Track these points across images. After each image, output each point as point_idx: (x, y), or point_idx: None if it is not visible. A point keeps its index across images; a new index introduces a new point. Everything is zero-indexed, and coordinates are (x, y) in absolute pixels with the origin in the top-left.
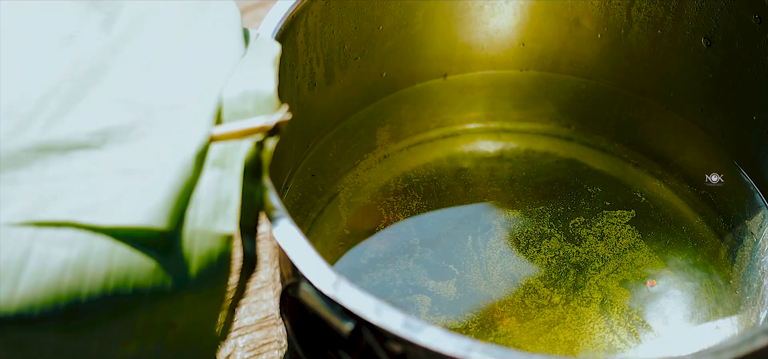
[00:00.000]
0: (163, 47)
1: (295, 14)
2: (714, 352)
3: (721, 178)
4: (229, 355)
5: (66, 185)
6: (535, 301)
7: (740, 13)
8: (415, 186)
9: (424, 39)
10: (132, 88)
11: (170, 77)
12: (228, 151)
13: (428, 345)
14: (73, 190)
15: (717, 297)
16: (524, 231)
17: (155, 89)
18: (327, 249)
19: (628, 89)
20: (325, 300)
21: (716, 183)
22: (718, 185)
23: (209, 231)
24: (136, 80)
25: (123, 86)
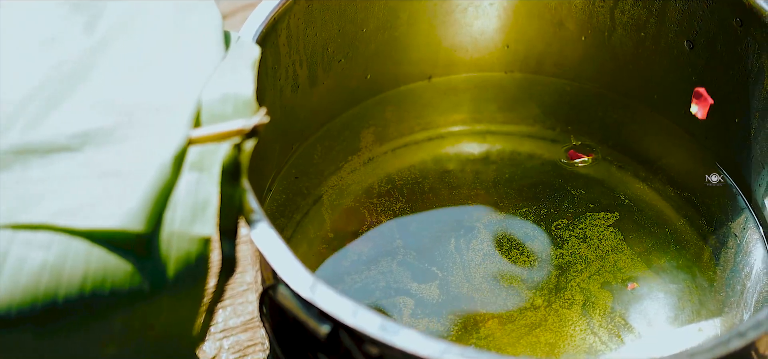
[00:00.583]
0: (143, 50)
1: (277, 17)
2: (689, 354)
3: (721, 179)
4: (214, 356)
5: (45, 188)
6: (517, 303)
7: (722, 16)
8: (398, 188)
9: (408, 41)
10: (112, 91)
11: (150, 80)
12: (206, 154)
13: (405, 348)
14: (52, 193)
15: (700, 299)
16: (507, 233)
17: (135, 92)
18: (311, 251)
19: (612, 91)
20: (302, 303)
21: (717, 183)
22: (718, 185)
23: (187, 234)
24: (116, 83)
25: (104, 89)
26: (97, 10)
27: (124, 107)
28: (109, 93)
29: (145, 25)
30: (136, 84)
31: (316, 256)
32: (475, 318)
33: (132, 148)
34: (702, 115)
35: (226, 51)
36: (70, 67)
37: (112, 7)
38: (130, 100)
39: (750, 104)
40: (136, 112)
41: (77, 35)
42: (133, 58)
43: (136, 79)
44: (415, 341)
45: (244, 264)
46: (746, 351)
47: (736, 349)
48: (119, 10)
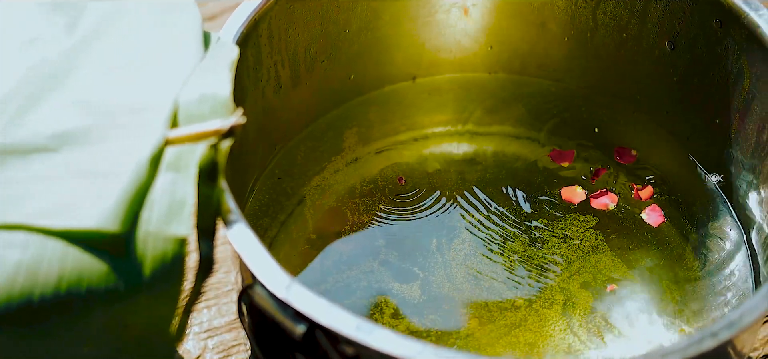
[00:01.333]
0: (123, 51)
1: (257, 17)
2: (662, 354)
3: (721, 178)
4: (198, 356)
5: (23, 189)
6: (498, 303)
7: (702, 17)
8: (381, 188)
9: (391, 42)
10: (91, 91)
11: (129, 81)
12: (183, 154)
13: (380, 348)
14: (29, 194)
15: (682, 299)
16: (489, 234)
17: (114, 92)
18: (294, 252)
19: (595, 92)
20: (278, 303)
21: (717, 183)
22: (718, 184)
23: (162, 234)
24: (95, 83)
25: (82, 89)
26: (78, 11)
27: (103, 107)
28: (88, 93)
29: (124, 25)
30: (115, 84)
31: (299, 256)
32: (455, 318)
33: (109, 148)
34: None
35: (205, 51)
36: (49, 67)
37: (92, 7)
38: (108, 100)
39: (730, 105)
40: (113, 112)
41: (58, 35)
42: (112, 58)
43: (115, 79)
44: (390, 341)
45: (229, 265)
46: (722, 349)
47: (708, 349)
48: (100, 10)
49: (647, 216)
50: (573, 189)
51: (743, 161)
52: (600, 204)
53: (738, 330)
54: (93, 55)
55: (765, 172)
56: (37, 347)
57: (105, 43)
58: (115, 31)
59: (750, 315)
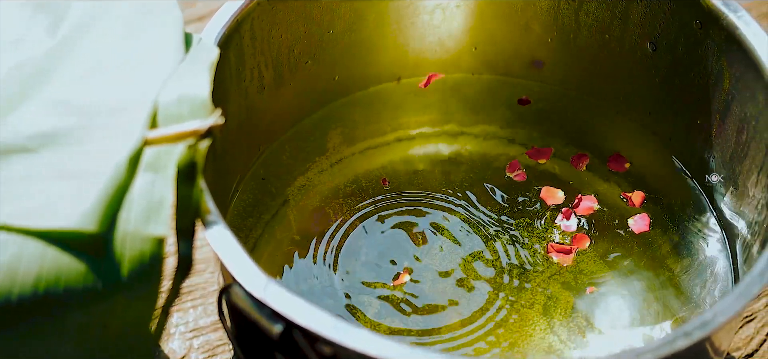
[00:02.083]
0: (105, 52)
1: (239, 19)
2: (635, 353)
3: (720, 177)
4: (184, 356)
5: (3, 189)
6: (480, 303)
7: (682, 19)
8: (365, 189)
9: (376, 43)
10: (72, 92)
11: (109, 82)
12: (161, 155)
13: (356, 348)
14: (9, 194)
15: (664, 299)
16: (473, 234)
17: (94, 93)
18: (279, 251)
19: (579, 93)
20: (255, 303)
21: (716, 182)
22: (718, 183)
23: (140, 234)
24: (75, 84)
25: (63, 90)
26: (61, 12)
27: (82, 108)
28: (68, 94)
29: (106, 26)
30: (95, 85)
31: (283, 256)
32: (437, 317)
33: (88, 148)
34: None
35: (186, 52)
36: (31, 68)
37: (75, 8)
38: (88, 101)
39: (711, 106)
40: (93, 113)
41: (40, 36)
42: (93, 59)
43: (95, 80)
44: (366, 340)
45: (214, 265)
46: (699, 348)
47: (682, 348)
48: (81, 12)
49: (634, 222)
50: (553, 190)
51: (724, 162)
52: (584, 210)
53: (711, 330)
54: (74, 56)
55: (744, 172)
56: (15, 347)
57: (86, 44)
58: (96, 32)
59: (723, 316)
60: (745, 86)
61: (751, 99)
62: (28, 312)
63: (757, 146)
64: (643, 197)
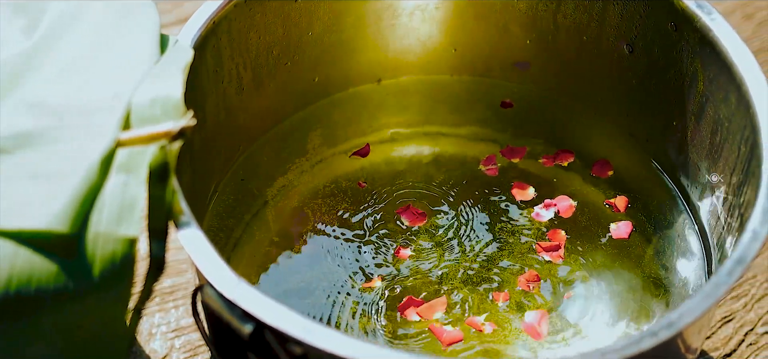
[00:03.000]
0: (80, 53)
1: (216, 21)
2: (601, 353)
3: (720, 178)
4: (165, 355)
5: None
6: (458, 304)
7: (658, 21)
8: (345, 190)
9: (355, 44)
10: (47, 93)
11: (84, 83)
12: (134, 156)
13: (325, 348)
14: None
15: (641, 300)
16: (452, 234)
17: (69, 94)
18: (259, 252)
19: (557, 94)
20: (226, 303)
21: (716, 183)
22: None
23: (112, 235)
24: (51, 85)
25: (38, 91)
26: (39, 13)
27: (57, 109)
28: (43, 95)
29: (82, 28)
30: (70, 86)
31: (263, 256)
32: (414, 318)
33: (61, 149)
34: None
35: (161, 54)
36: (7, 69)
37: (52, 9)
38: (62, 102)
39: (686, 107)
40: (67, 114)
41: (16, 37)
42: (68, 60)
43: (70, 81)
44: (335, 341)
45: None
46: (667, 347)
47: (648, 348)
48: (58, 13)
49: (617, 228)
50: (525, 186)
51: (699, 163)
52: (564, 210)
53: (677, 330)
54: (50, 57)
55: (718, 173)
56: None
57: (62, 45)
58: (72, 34)
59: (689, 316)
60: (719, 88)
61: (724, 101)
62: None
63: (730, 148)
64: (626, 202)
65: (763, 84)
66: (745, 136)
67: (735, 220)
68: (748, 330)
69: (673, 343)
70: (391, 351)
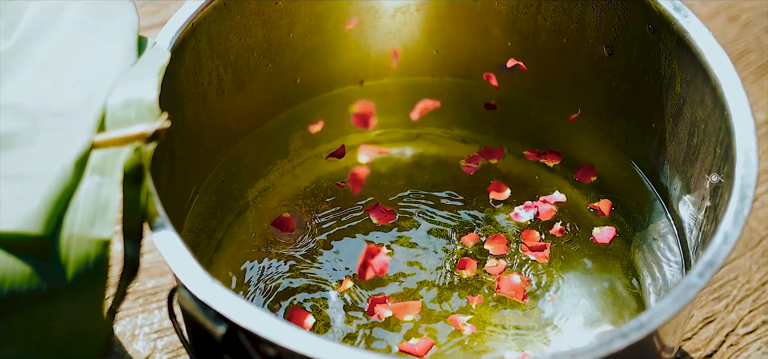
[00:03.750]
0: (57, 55)
1: (195, 23)
2: (571, 354)
3: (721, 178)
4: (148, 356)
5: None
6: (438, 305)
7: (636, 24)
8: (326, 191)
9: (337, 46)
10: (23, 95)
11: (60, 85)
12: (108, 158)
13: (296, 350)
14: None
15: (623, 303)
16: (433, 236)
17: (44, 96)
18: (240, 253)
19: (539, 96)
20: (200, 305)
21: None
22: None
23: (86, 236)
24: (27, 87)
25: (14, 93)
26: (17, 15)
27: (32, 111)
28: (19, 97)
29: (60, 30)
30: (46, 88)
31: (244, 257)
32: (393, 319)
33: (37, 151)
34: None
35: (139, 56)
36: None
37: (31, 11)
38: (38, 104)
39: (664, 109)
40: (42, 116)
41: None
42: (44, 62)
43: (46, 83)
44: (306, 342)
45: None
46: (640, 347)
47: (618, 349)
48: (37, 14)
49: (600, 232)
50: (502, 186)
51: (677, 164)
52: (545, 212)
53: (647, 332)
54: (27, 59)
55: (695, 175)
56: None
57: (39, 47)
58: (50, 35)
59: (659, 318)
60: (695, 89)
61: (700, 102)
62: None
63: (706, 149)
64: (610, 205)
65: (738, 86)
66: (720, 138)
67: (710, 223)
68: (729, 331)
69: (646, 344)
70: (363, 352)
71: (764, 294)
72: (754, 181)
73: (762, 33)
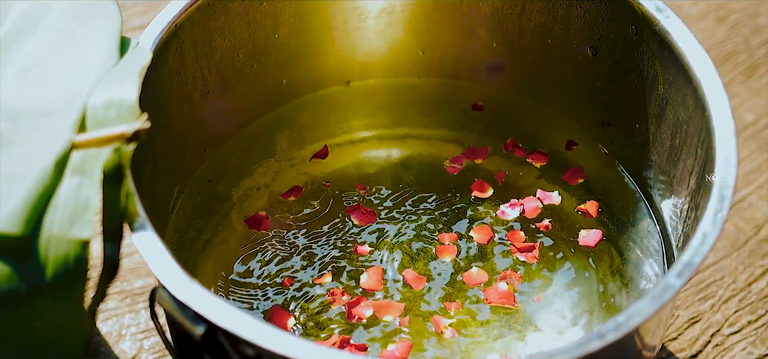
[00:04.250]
0: (40, 56)
1: (178, 24)
2: (548, 355)
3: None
4: (134, 356)
5: None
6: (421, 305)
7: (619, 24)
8: (312, 192)
9: (323, 47)
10: (4, 95)
11: (41, 86)
12: (88, 158)
13: (274, 350)
14: None
15: (607, 305)
16: (421, 236)
17: (26, 97)
18: (227, 252)
19: (525, 96)
20: (179, 305)
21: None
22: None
23: (65, 237)
24: (9, 87)
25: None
26: (2, 15)
27: (13, 112)
28: (1, 98)
29: (43, 30)
30: (27, 89)
31: (230, 257)
32: (375, 318)
33: (16, 152)
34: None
35: (121, 57)
36: None
37: (15, 11)
38: (19, 105)
39: (648, 110)
40: (23, 117)
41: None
42: (27, 62)
43: (28, 83)
44: (285, 343)
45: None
46: (618, 347)
47: (595, 350)
48: (20, 14)
49: (587, 234)
50: (485, 185)
51: (661, 165)
52: (530, 210)
53: (624, 332)
54: (10, 59)
55: (678, 176)
56: None
57: (23, 48)
58: (33, 36)
59: (637, 318)
60: (677, 91)
61: (682, 103)
62: None
63: (688, 150)
64: (597, 206)
65: (719, 88)
66: (701, 138)
67: (691, 223)
68: (715, 331)
69: (624, 344)
70: (340, 352)
71: (750, 295)
72: (733, 182)
73: (750, 34)
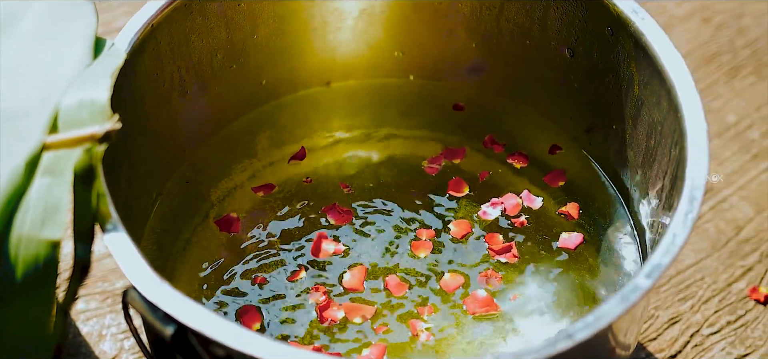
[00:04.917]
0: (16, 57)
1: (155, 25)
2: (516, 355)
3: (720, 178)
4: (115, 356)
5: None
6: (401, 306)
7: (595, 26)
8: (295, 193)
9: (302, 48)
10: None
11: (16, 86)
12: (59, 159)
13: (243, 350)
14: None
15: (585, 304)
16: (401, 237)
17: (0, 97)
18: (206, 254)
19: (503, 96)
20: (149, 305)
21: (716, 182)
22: (717, 183)
23: (35, 237)
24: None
25: None
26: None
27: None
28: None
29: (17, 32)
30: (1, 89)
31: (212, 256)
32: (352, 321)
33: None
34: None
35: (95, 58)
36: None
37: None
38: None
39: (624, 111)
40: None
41: None
42: (2, 64)
43: (2, 85)
44: (254, 343)
45: None
46: (590, 347)
47: (564, 350)
48: None
49: (569, 236)
50: (462, 183)
51: (637, 166)
52: (510, 209)
53: (593, 332)
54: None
55: (653, 177)
56: None
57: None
58: (9, 38)
59: (606, 318)
60: (652, 92)
61: (656, 104)
62: None
63: (663, 151)
64: (578, 208)
65: (691, 89)
66: (674, 139)
67: (666, 223)
68: (694, 332)
69: (594, 344)
70: (310, 352)
71: (730, 295)
72: (703, 183)
73: (735, 35)
